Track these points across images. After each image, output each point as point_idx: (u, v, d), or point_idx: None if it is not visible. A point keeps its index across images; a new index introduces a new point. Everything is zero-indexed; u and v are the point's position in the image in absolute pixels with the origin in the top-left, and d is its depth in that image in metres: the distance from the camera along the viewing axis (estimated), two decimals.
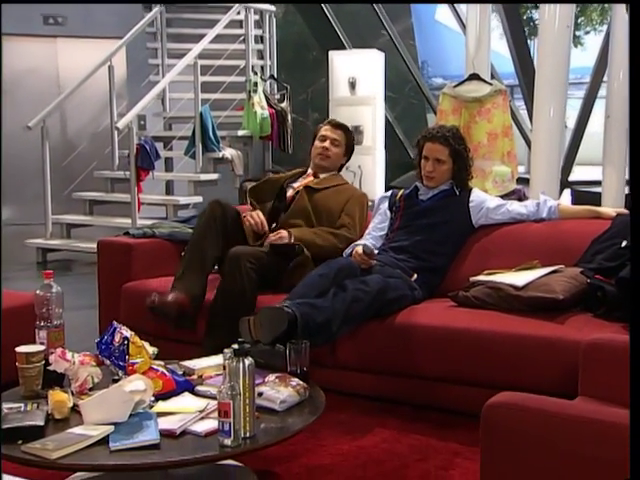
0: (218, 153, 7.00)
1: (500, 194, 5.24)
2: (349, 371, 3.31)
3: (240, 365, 2.26)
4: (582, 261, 3.38)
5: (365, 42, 9.32)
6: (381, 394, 3.34)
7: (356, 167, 7.31)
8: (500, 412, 1.86)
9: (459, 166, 3.74)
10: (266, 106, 7.43)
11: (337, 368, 3.29)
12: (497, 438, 1.86)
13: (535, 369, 2.95)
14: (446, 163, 3.71)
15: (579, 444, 1.76)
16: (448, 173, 3.74)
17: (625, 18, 5.21)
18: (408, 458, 2.84)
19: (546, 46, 5.04)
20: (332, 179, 4.05)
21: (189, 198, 6.85)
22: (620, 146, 5.23)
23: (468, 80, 5.36)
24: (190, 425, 2.33)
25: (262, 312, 2.91)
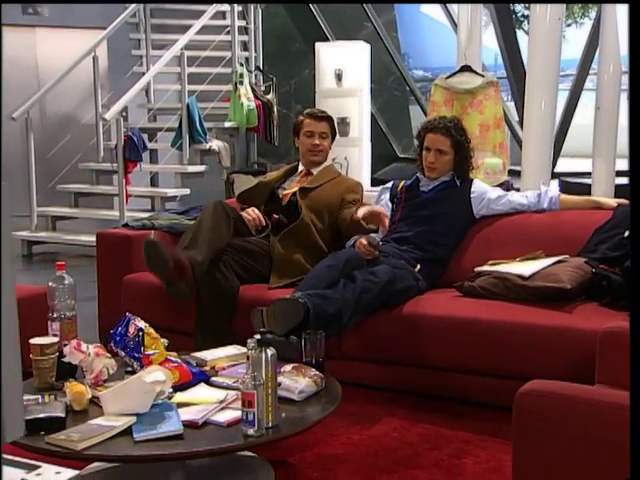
0: (205, 145, 6.98)
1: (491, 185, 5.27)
2: (356, 361, 3.32)
3: (263, 355, 2.28)
4: (585, 251, 3.42)
5: (348, 34, 9.32)
6: (387, 384, 3.36)
7: (342, 159, 7.31)
8: (533, 399, 1.89)
9: (460, 157, 3.77)
10: (252, 98, 7.42)
11: (344, 359, 3.31)
12: (530, 424, 1.89)
13: (543, 358, 2.98)
14: (448, 154, 3.74)
15: (609, 429, 1.79)
16: (450, 164, 3.77)
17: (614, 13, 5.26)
18: (419, 447, 2.87)
19: (537, 39, 5.07)
20: (326, 173, 4.04)
21: (176, 190, 6.82)
22: (609, 137, 5.27)
23: (460, 72, 5.37)
24: (211, 416, 2.34)
25: (276, 303, 2.92)
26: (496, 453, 2.80)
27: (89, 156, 7.40)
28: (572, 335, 2.92)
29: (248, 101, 7.35)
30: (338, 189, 3.93)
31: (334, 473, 2.66)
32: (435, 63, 12.07)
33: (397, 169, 9.60)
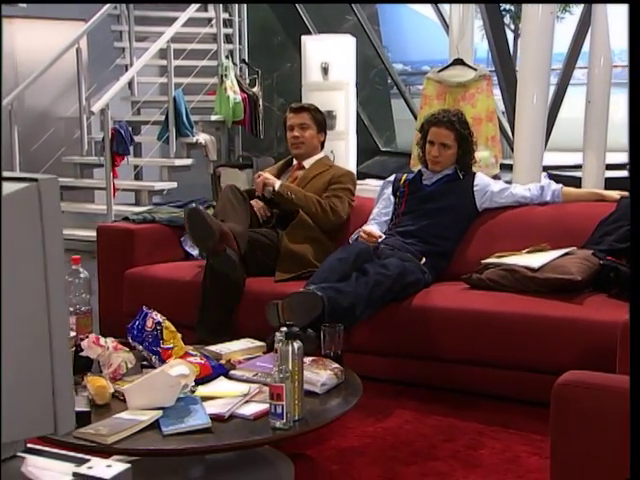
0: (192, 138, 6.94)
1: None
2: (365, 354, 3.33)
3: (290, 348, 2.28)
4: (590, 243, 3.46)
5: (330, 27, 9.31)
6: (397, 377, 3.38)
7: (329, 152, 7.29)
8: (571, 390, 1.91)
9: (464, 150, 3.78)
10: (238, 90, 7.38)
11: (353, 351, 3.29)
12: (568, 416, 1.91)
13: (554, 349, 3.01)
14: (452, 148, 3.76)
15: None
16: (453, 157, 3.78)
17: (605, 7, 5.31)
18: (434, 438, 2.89)
19: (530, 33, 5.11)
20: (316, 167, 4.04)
21: (164, 184, 6.77)
22: (600, 130, 5.33)
23: (452, 65, 5.40)
24: (237, 409, 2.33)
25: (293, 297, 2.91)
26: (511, 444, 2.82)
27: (73, 149, 7.32)
28: (583, 326, 2.96)
29: (234, 94, 7.31)
30: (324, 180, 3.95)
31: (353, 466, 2.67)
32: (414, 57, 12.10)
33: (379, 163, 9.62)
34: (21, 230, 1.30)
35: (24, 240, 1.30)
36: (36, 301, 1.31)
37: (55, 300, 1.34)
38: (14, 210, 1.28)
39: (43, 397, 1.32)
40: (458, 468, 2.65)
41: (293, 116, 3.98)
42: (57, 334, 1.34)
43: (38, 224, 1.32)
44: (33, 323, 1.31)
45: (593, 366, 2.89)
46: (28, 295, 1.30)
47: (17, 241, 1.28)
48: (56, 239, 1.34)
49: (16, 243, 1.27)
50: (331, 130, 7.33)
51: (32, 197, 1.32)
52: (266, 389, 2.47)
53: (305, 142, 3.98)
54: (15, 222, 1.29)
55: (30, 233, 1.31)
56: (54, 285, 1.34)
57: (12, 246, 1.26)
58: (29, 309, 1.31)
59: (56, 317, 1.34)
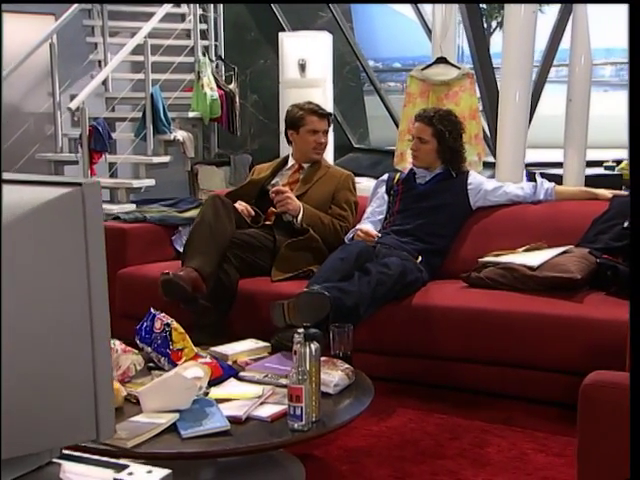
0: (169, 135, 6.88)
1: None
2: (365, 353, 3.32)
3: (307, 350, 2.28)
4: (584, 241, 3.51)
5: (304, 23, 9.30)
6: (397, 375, 3.39)
7: None
8: (599, 391, 1.93)
9: (444, 147, 3.79)
10: (215, 87, 7.35)
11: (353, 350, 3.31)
12: (596, 416, 1.93)
13: (556, 347, 3.05)
14: (429, 143, 3.79)
15: None
16: (433, 153, 3.81)
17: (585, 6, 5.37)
18: (440, 437, 2.91)
19: (512, 31, 5.14)
20: (316, 168, 4.01)
21: (142, 181, 6.70)
22: (581, 128, 5.37)
23: (435, 63, 5.42)
24: (253, 411, 2.33)
25: (301, 297, 2.91)
26: (516, 441, 2.86)
27: (45, 146, 7.22)
28: (585, 324, 3.00)
29: (211, 91, 7.26)
30: (329, 186, 3.92)
31: (363, 466, 2.68)
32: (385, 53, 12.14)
33: (352, 159, 9.62)
34: (65, 235, 1.28)
35: (68, 244, 1.29)
36: (79, 306, 1.30)
37: (97, 305, 1.33)
38: (58, 215, 1.27)
39: (86, 403, 1.31)
40: (467, 466, 2.67)
41: (318, 121, 3.95)
42: (99, 339, 1.33)
43: (81, 228, 1.31)
44: (76, 328, 1.30)
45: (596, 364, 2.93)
46: (72, 300, 1.29)
47: (61, 246, 1.27)
48: (98, 243, 1.33)
49: (60, 248, 1.26)
50: None
51: (76, 202, 1.31)
52: (280, 390, 2.48)
53: (325, 148, 3.99)
54: (59, 227, 1.28)
55: (74, 237, 1.30)
56: (97, 290, 1.33)
57: (56, 251, 1.25)
58: (73, 314, 1.30)
59: (98, 322, 1.33)
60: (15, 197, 1.27)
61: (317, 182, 3.91)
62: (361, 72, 9.87)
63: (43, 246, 1.27)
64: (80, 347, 1.30)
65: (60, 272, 1.28)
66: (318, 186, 3.90)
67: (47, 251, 1.27)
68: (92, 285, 1.33)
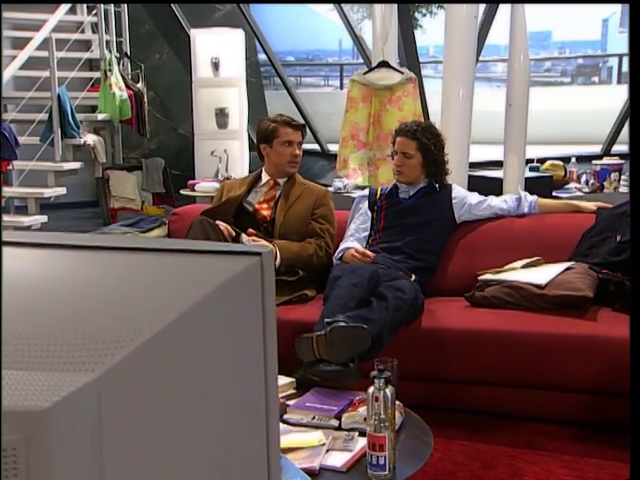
0: (79, 139, 6.59)
1: None
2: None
3: (383, 394, 2.23)
4: (577, 255, 3.61)
5: (199, 17, 9.12)
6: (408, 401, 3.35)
7: (222, 152, 7.18)
8: None
9: (429, 161, 3.81)
10: (124, 87, 7.09)
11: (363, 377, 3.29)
12: None
13: (571, 367, 3.12)
14: (414, 157, 3.79)
15: None
16: (418, 168, 3.81)
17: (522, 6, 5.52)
18: (472, 466, 2.92)
19: (454, 30, 5.22)
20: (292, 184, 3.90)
21: (53, 190, 6.39)
22: (520, 132, 5.52)
23: (377, 67, 5.43)
24: (323, 460, 2.26)
25: (334, 331, 2.83)
26: (549, 467, 2.91)
27: None
28: (600, 343, 3.08)
29: (120, 91, 7.01)
30: (308, 203, 3.85)
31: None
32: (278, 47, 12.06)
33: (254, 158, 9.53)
34: (245, 309, 1.22)
35: (247, 319, 1.23)
36: (256, 383, 1.24)
37: (271, 377, 1.27)
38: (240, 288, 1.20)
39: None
40: None
41: (293, 132, 3.83)
42: (272, 414, 1.27)
43: (259, 301, 1.25)
44: (253, 405, 1.24)
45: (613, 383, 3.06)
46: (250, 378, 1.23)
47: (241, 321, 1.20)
48: (272, 316, 1.27)
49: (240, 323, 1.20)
50: (224, 129, 7.25)
51: (255, 272, 1.24)
52: (338, 434, 2.42)
53: (300, 161, 3.89)
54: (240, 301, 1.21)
55: (252, 311, 1.24)
56: (271, 364, 1.27)
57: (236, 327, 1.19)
58: (250, 392, 1.23)
59: (272, 395, 1.27)
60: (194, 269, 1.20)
61: (297, 200, 3.83)
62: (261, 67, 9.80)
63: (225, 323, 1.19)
64: (256, 424, 1.24)
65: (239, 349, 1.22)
66: (298, 204, 3.82)
67: (228, 328, 1.19)
68: (267, 359, 1.27)
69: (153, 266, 1.22)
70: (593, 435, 3.11)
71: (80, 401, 0.83)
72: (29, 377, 0.91)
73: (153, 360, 0.99)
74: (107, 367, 0.92)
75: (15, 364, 0.93)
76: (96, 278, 1.17)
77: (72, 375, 0.91)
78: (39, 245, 1.27)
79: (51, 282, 1.15)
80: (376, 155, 5.51)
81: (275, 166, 3.89)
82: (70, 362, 0.94)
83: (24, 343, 0.97)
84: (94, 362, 0.93)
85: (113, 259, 1.25)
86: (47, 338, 0.98)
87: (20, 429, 0.83)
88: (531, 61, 5.86)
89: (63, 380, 0.90)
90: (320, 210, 3.85)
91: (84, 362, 0.93)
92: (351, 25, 7.60)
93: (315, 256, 3.70)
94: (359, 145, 5.51)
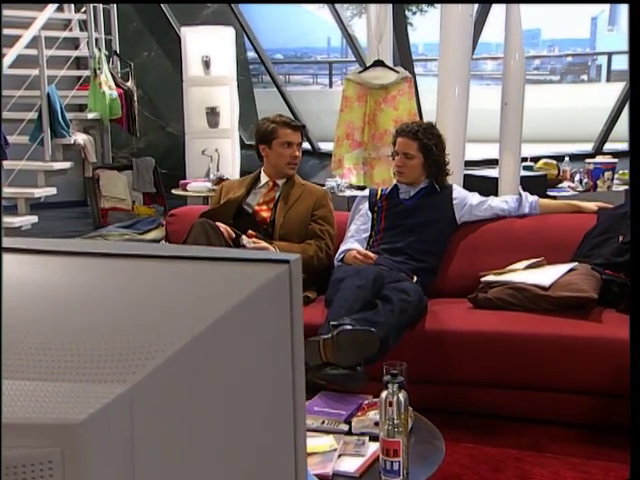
0: (69, 139, 6.54)
1: None
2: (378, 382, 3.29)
3: (397, 398, 2.23)
4: (579, 256, 3.61)
5: (188, 15, 9.09)
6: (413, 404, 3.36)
7: (213, 151, 7.16)
8: None
9: (430, 161, 3.80)
10: (114, 86, 7.04)
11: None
12: None
13: (577, 369, 3.12)
14: (415, 158, 3.78)
15: None
16: (419, 168, 3.80)
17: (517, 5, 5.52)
18: (479, 469, 2.92)
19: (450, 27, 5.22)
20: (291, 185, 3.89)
21: (43, 190, 6.33)
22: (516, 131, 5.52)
23: (372, 66, 5.42)
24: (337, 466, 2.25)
25: (341, 334, 2.81)
26: (557, 470, 2.91)
27: None
28: (607, 345, 3.08)
29: (110, 89, 6.96)
30: (308, 204, 3.84)
31: None
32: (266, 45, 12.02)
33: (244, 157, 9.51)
34: (273, 319, 1.20)
35: (275, 329, 1.21)
36: (285, 395, 1.22)
37: (299, 389, 1.26)
38: (268, 297, 1.18)
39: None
40: None
41: (292, 133, 3.81)
42: (300, 425, 1.26)
43: (287, 311, 1.23)
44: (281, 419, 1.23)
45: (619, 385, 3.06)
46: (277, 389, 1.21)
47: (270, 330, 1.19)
48: (300, 322, 1.26)
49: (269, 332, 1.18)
50: (215, 128, 7.22)
51: (284, 281, 1.23)
52: (348, 439, 2.41)
53: (299, 162, 3.87)
54: (268, 311, 1.19)
55: (281, 321, 1.22)
56: (299, 374, 1.26)
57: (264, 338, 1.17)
58: (279, 406, 1.22)
59: (299, 407, 1.26)
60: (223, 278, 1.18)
61: (297, 201, 3.81)
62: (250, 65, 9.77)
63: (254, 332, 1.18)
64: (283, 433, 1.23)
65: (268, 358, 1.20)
66: (298, 205, 3.81)
67: (257, 337, 1.18)
68: (295, 368, 1.26)
69: (180, 274, 1.20)
70: (599, 437, 3.12)
71: (114, 413, 0.81)
72: (61, 389, 0.89)
73: (184, 370, 0.97)
74: (139, 378, 0.91)
75: (46, 375, 0.91)
76: (125, 287, 1.15)
77: (104, 386, 0.89)
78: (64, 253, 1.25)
79: (78, 291, 1.13)
80: (371, 155, 5.50)
81: (274, 167, 3.87)
82: (101, 373, 0.92)
83: (54, 354, 0.95)
84: (125, 373, 0.91)
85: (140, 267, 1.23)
86: (77, 349, 0.96)
87: (56, 442, 0.82)
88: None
89: (95, 392, 0.88)
90: (320, 211, 3.84)
91: (115, 373, 0.92)
92: (343, 23, 7.58)
93: (316, 257, 3.69)
94: (354, 145, 5.50)
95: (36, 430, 0.83)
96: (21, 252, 1.28)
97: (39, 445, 0.83)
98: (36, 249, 1.30)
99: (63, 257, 1.26)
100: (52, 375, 0.92)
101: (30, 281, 1.19)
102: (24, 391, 0.90)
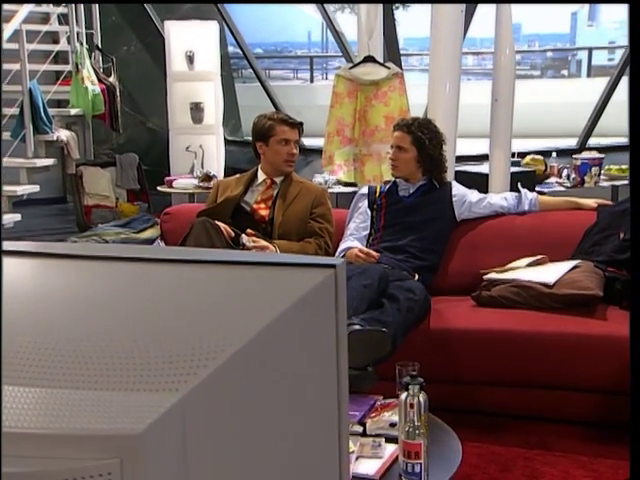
0: (52, 135, 6.46)
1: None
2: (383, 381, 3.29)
3: (417, 400, 2.22)
4: (580, 253, 3.62)
5: (169, 8, 9.01)
6: None
7: (197, 147, 7.11)
8: None
9: (424, 156, 3.79)
10: (96, 81, 6.97)
11: None
12: None
13: (583, 366, 3.13)
14: (409, 151, 3.78)
15: None
16: (413, 163, 3.79)
17: None
18: (489, 469, 2.92)
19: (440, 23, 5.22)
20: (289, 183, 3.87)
21: (25, 187, 6.25)
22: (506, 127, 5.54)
23: (363, 62, 5.40)
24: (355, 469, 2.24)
25: (352, 335, 2.80)
26: (566, 468, 2.92)
27: None
28: (613, 342, 3.08)
29: (92, 85, 6.89)
30: (307, 202, 3.82)
31: None
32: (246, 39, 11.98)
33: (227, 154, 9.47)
34: (319, 323, 1.20)
35: (322, 332, 1.21)
36: (329, 398, 1.23)
37: (343, 393, 1.27)
38: (315, 302, 1.18)
39: None
40: None
41: (290, 130, 3.79)
42: (343, 430, 1.27)
43: (333, 315, 1.23)
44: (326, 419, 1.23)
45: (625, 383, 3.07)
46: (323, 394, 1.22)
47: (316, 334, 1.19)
48: (344, 326, 1.27)
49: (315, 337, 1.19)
50: (199, 124, 7.17)
51: (330, 285, 1.23)
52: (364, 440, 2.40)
53: (296, 160, 3.85)
54: (315, 315, 1.19)
55: (326, 326, 1.22)
56: (343, 377, 1.27)
57: (312, 340, 1.17)
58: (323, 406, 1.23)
59: (343, 412, 1.27)
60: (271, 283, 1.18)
61: (295, 199, 3.79)
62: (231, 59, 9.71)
63: (301, 337, 1.18)
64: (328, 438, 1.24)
65: (314, 362, 1.21)
66: (297, 203, 3.79)
67: (304, 342, 1.18)
68: (340, 373, 1.26)
69: (227, 280, 1.19)
70: (606, 435, 3.13)
71: (169, 422, 0.81)
72: (114, 398, 0.89)
73: (235, 378, 0.97)
74: (191, 386, 0.90)
75: (98, 384, 0.91)
76: (171, 293, 1.14)
77: (158, 396, 0.88)
78: (110, 258, 1.23)
79: (126, 299, 1.12)
80: (362, 151, 5.50)
81: (271, 165, 3.85)
82: (152, 382, 0.91)
83: (105, 363, 0.94)
84: (177, 381, 0.91)
85: (185, 273, 1.21)
86: (127, 357, 0.95)
87: (115, 453, 0.81)
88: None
89: (150, 401, 0.87)
90: (318, 209, 3.82)
91: (167, 382, 0.91)
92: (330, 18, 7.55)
93: (315, 255, 3.67)
94: (345, 141, 5.49)
95: (95, 441, 0.82)
96: (62, 257, 1.26)
97: (98, 456, 0.82)
98: (79, 254, 1.28)
99: (104, 262, 1.25)
100: (104, 384, 0.91)
101: (78, 289, 1.17)
102: (78, 401, 0.89)
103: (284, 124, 3.83)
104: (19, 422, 0.83)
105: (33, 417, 0.86)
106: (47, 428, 0.82)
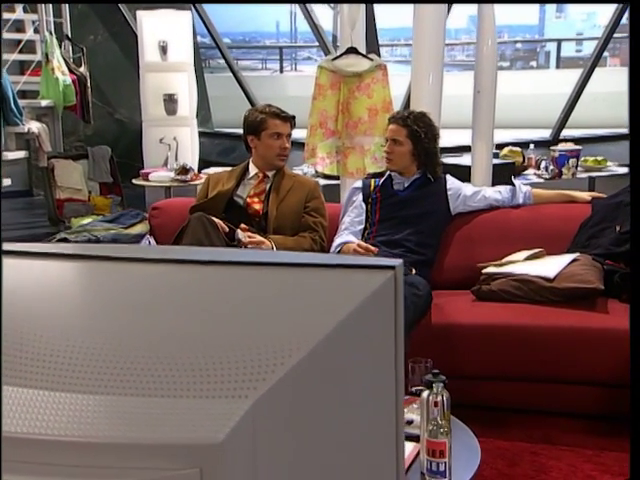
0: (22, 127, 6.34)
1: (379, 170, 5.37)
2: None
3: (441, 398, 2.22)
4: (576, 246, 3.65)
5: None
6: None
7: (171, 139, 7.04)
8: None
9: (419, 149, 3.79)
10: (67, 71, 6.85)
11: None
12: None
13: (585, 360, 3.16)
14: (404, 145, 3.77)
15: None
16: (408, 156, 3.79)
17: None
18: (497, 464, 2.93)
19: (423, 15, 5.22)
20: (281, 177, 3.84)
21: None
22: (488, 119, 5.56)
23: (346, 54, 5.37)
24: None
25: None
26: (572, 462, 2.94)
27: None
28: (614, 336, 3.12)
29: (63, 75, 6.77)
30: (300, 196, 3.79)
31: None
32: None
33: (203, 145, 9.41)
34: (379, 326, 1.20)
35: (382, 335, 1.21)
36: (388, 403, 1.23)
37: (400, 397, 1.26)
38: (375, 305, 1.17)
39: None
40: None
41: (282, 124, 3.75)
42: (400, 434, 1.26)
43: (392, 317, 1.23)
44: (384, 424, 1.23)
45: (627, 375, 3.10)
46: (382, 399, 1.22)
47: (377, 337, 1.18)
48: (402, 329, 1.26)
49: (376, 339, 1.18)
50: (173, 115, 7.10)
51: (389, 287, 1.22)
52: None
53: (288, 154, 3.81)
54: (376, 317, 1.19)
55: (386, 329, 1.22)
56: (400, 382, 1.26)
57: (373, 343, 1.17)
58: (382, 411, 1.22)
59: (400, 415, 1.26)
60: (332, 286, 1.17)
61: (289, 193, 3.77)
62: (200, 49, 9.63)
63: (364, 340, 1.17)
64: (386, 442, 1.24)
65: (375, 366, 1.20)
66: (290, 197, 3.76)
67: (366, 345, 1.17)
68: (398, 377, 1.26)
69: (289, 283, 1.17)
70: (609, 427, 3.16)
71: (243, 430, 0.79)
72: (187, 406, 0.87)
73: (303, 382, 0.95)
74: (260, 393, 0.88)
75: (169, 392, 0.89)
76: (236, 297, 1.12)
77: (229, 403, 0.87)
78: (169, 261, 1.21)
79: (190, 302, 1.09)
80: (345, 144, 5.46)
81: (263, 158, 3.81)
82: (220, 388, 0.90)
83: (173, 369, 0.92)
84: (246, 388, 0.89)
85: (248, 275, 1.19)
86: (195, 363, 0.93)
87: (195, 463, 0.80)
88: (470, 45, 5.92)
89: (223, 409, 0.86)
90: (312, 203, 3.80)
91: (236, 388, 0.89)
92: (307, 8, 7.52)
93: (310, 250, 3.66)
94: (328, 133, 5.45)
95: (175, 451, 0.81)
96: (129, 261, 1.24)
97: (178, 466, 0.80)
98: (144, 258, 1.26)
99: (163, 265, 1.23)
100: (175, 391, 0.89)
101: (144, 292, 1.15)
102: (150, 409, 0.87)
103: (276, 118, 3.79)
104: (95, 431, 0.80)
105: (107, 426, 0.84)
106: (124, 437, 0.80)
